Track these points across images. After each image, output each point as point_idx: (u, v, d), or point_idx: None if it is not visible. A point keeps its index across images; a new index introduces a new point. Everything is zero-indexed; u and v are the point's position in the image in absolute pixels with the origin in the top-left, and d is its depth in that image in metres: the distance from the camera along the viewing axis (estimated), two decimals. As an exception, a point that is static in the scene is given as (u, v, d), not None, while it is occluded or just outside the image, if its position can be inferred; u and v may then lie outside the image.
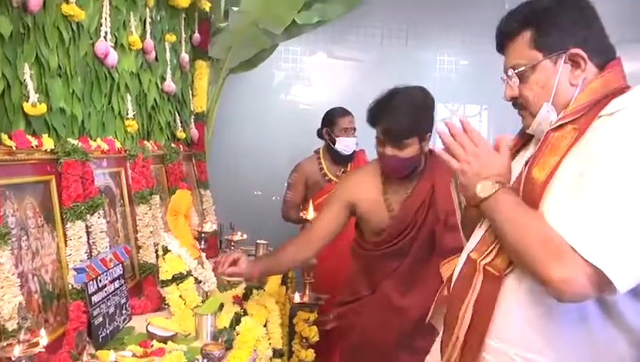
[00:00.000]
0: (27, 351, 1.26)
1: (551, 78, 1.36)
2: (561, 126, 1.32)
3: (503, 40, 1.44)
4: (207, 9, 3.61)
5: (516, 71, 1.40)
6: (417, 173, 2.34)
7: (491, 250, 1.36)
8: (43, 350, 1.31)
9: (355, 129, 3.66)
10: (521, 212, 1.27)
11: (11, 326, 1.41)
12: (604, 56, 1.37)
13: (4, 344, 1.29)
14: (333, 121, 3.61)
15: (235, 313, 2.12)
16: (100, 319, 1.86)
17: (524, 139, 1.54)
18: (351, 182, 2.50)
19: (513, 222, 1.27)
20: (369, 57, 4.92)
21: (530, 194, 1.30)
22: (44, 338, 1.31)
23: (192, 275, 2.19)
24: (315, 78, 4.90)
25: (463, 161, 1.35)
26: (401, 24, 4.78)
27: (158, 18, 2.91)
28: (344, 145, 3.59)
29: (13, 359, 1.24)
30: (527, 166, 1.35)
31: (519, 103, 1.44)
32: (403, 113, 2.19)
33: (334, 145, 3.60)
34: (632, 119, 1.22)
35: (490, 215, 1.32)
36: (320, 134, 3.74)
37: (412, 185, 2.32)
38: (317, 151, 3.82)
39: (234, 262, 2.25)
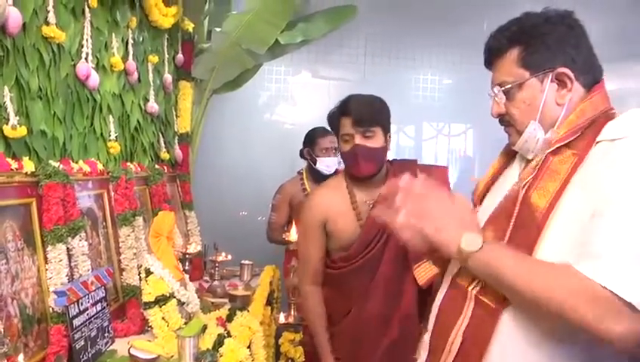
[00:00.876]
0: (5, 376, 1.24)
1: (537, 96, 1.35)
2: (559, 149, 1.30)
3: (491, 57, 1.43)
4: (191, 29, 3.63)
5: (503, 88, 1.39)
6: (381, 179, 2.34)
7: (480, 280, 1.33)
8: (21, 375, 1.29)
9: (336, 149, 3.66)
10: (527, 262, 1.23)
11: (-11, 351, 1.39)
12: (592, 76, 1.36)
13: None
14: (314, 140, 3.62)
15: (218, 334, 2.10)
16: (82, 343, 1.83)
17: (509, 157, 1.53)
18: (317, 200, 2.41)
19: (522, 274, 1.21)
20: (353, 76, 4.95)
21: (529, 220, 1.27)
22: (21, 360, 1.29)
23: (174, 297, 2.18)
24: (300, 98, 4.93)
25: (429, 218, 1.30)
26: (385, 43, 4.82)
27: (141, 39, 2.91)
28: (325, 164, 3.59)
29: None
30: (525, 189, 1.32)
31: (506, 120, 1.43)
32: (367, 100, 2.30)
33: (315, 165, 3.60)
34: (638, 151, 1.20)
35: (484, 269, 1.26)
36: (302, 154, 3.74)
37: (377, 191, 2.31)
38: (300, 172, 3.82)
39: None
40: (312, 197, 2.49)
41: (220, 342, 2.03)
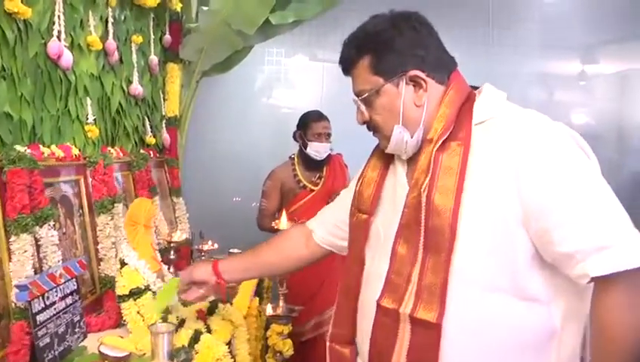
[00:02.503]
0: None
1: (395, 100, 1.37)
2: (444, 144, 1.31)
3: (347, 67, 1.45)
4: (179, 9, 3.50)
5: (361, 97, 1.42)
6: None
7: (408, 297, 1.29)
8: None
9: (329, 135, 3.57)
10: None
11: None
12: (445, 70, 1.40)
13: None
14: (307, 124, 3.52)
15: (195, 330, 1.99)
16: (47, 340, 1.72)
17: (383, 160, 1.53)
18: None
19: None
20: None
21: (440, 224, 1.25)
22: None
23: (150, 290, 2.07)
24: (296, 81, 4.86)
25: None
26: None
27: (123, 18, 2.78)
28: (315, 149, 3.49)
29: None
30: (425, 194, 1.28)
31: (372, 126, 1.45)
32: None
33: (306, 149, 3.50)
34: (521, 126, 1.30)
35: None
36: (295, 137, 3.64)
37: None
38: (292, 157, 3.72)
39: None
40: None
41: (195, 338, 1.93)
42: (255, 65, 4.60)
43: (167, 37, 3.47)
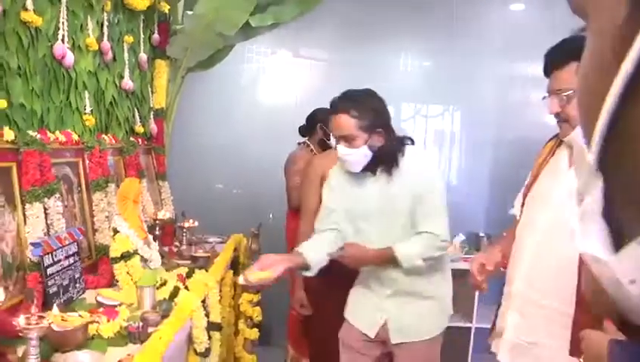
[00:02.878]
0: (-14, 303, 1.53)
1: None
2: None
3: (552, 68, 1.82)
4: (167, 11, 3.87)
5: (565, 94, 1.76)
6: None
7: None
8: (0, 304, 1.58)
9: None
10: None
11: (-26, 286, 1.68)
12: None
13: (-32, 298, 1.56)
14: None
15: (174, 286, 2.39)
16: (55, 289, 2.13)
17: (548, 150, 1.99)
18: None
19: None
20: (332, 57, 5.12)
21: None
22: (0, 295, 1.58)
23: (138, 254, 2.47)
24: (280, 77, 5.06)
25: None
26: (362, 26, 4.96)
27: (116, 20, 3.17)
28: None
29: (-26, 309, 1.51)
30: None
31: (562, 117, 1.83)
32: None
33: (329, 140, 3.72)
34: None
35: None
36: (308, 129, 3.93)
37: None
38: (303, 143, 3.99)
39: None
40: None
41: (175, 292, 2.32)
42: (237, 63, 4.83)
43: (156, 36, 3.86)
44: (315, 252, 2.39)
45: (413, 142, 2.51)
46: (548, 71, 1.86)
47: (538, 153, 2.09)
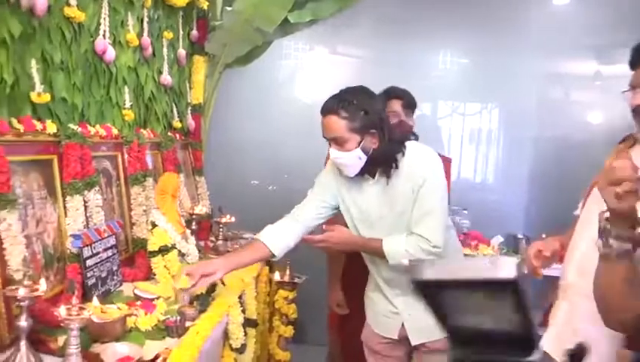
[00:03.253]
0: (29, 293, 1.55)
1: None
2: None
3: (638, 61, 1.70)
4: (205, 7, 3.90)
5: None
6: None
7: None
8: (43, 294, 1.60)
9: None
10: None
11: (18, 276, 1.70)
12: None
13: (12, 288, 1.59)
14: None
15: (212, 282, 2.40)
16: (93, 280, 2.15)
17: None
18: None
19: None
20: (369, 54, 5.08)
21: None
22: (43, 285, 1.60)
23: (176, 248, 2.48)
24: (316, 74, 5.03)
25: None
26: (400, 23, 4.90)
27: (156, 17, 3.19)
28: None
29: (18, 298, 1.54)
30: None
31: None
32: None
33: None
34: None
35: None
36: None
37: None
38: None
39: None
40: None
41: (212, 287, 2.33)
42: (275, 59, 4.82)
43: (194, 32, 3.89)
44: (278, 239, 2.34)
45: (416, 138, 2.44)
46: (635, 64, 1.78)
47: (609, 154, 2.00)
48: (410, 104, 3.11)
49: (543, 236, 2.26)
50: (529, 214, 4.78)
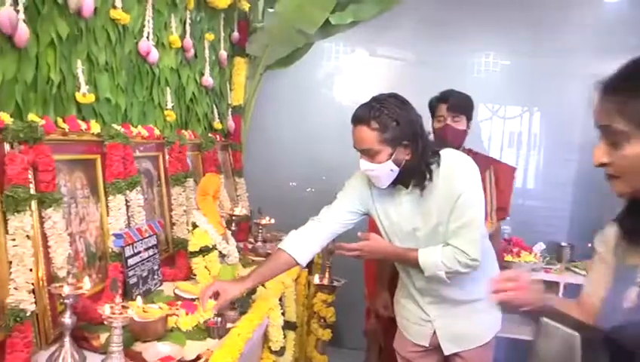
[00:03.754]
0: (73, 291, 1.57)
1: None
2: None
3: None
4: (247, 9, 3.91)
5: None
6: None
7: None
8: (86, 292, 1.62)
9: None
10: None
11: (62, 273, 1.72)
12: None
13: (57, 285, 1.61)
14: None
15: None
16: (135, 279, 2.17)
17: None
18: None
19: None
20: (409, 57, 5.02)
21: None
22: (87, 283, 1.62)
23: (216, 249, 2.48)
24: (356, 76, 4.99)
25: None
26: (440, 24, 4.86)
27: (198, 19, 3.21)
28: None
29: (63, 296, 1.56)
30: None
31: None
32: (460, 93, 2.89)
33: None
34: None
35: None
36: None
37: None
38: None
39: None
40: None
41: (253, 290, 2.32)
42: (315, 60, 4.80)
43: (236, 34, 3.90)
44: (303, 247, 2.25)
45: (458, 145, 2.36)
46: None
47: None
48: (456, 106, 2.88)
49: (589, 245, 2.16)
50: (573, 221, 4.66)
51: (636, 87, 1.12)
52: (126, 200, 2.27)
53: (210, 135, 3.53)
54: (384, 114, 2.03)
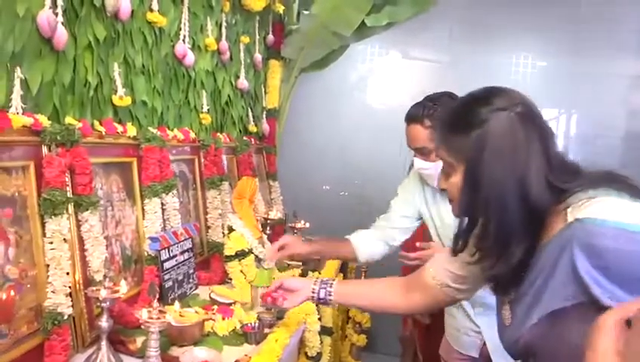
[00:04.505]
0: (110, 294, 1.56)
1: None
2: None
3: None
4: (281, 12, 3.90)
5: None
6: None
7: None
8: (123, 296, 1.61)
9: None
10: None
11: (99, 277, 1.71)
12: None
13: (94, 288, 1.60)
14: None
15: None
16: (170, 283, 2.16)
17: None
18: None
19: None
20: (443, 58, 4.93)
21: None
22: (123, 287, 1.61)
23: (252, 253, 2.46)
24: (389, 78, 4.95)
25: None
26: (474, 25, 4.79)
27: (234, 21, 3.21)
28: None
29: (100, 299, 1.54)
30: None
31: None
32: None
33: None
34: None
35: None
36: None
37: None
38: None
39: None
40: None
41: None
42: (350, 63, 4.76)
43: (271, 37, 3.89)
44: (367, 248, 2.34)
45: None
46: None
47: None
48: None
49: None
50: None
51: (458, 127, 1.24)
52: (162, 203, 2.26)
53: (245, 138, 3.52)
54: (438, 112, 2.01)
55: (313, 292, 1.74)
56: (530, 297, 1.17)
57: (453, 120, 1.28)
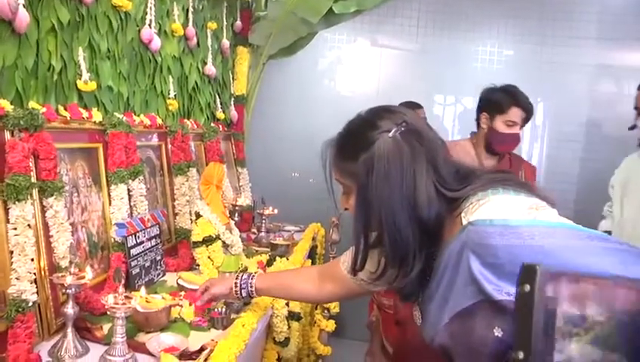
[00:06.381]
0: (76, 281, 1.55)
1: None
2: None
3: None
4: (249, -2, 3.88)
5: None
6: None
7: None
8: (89, 282, 1.60)
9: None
10: None
11: (64, 263, 1.70)
12: None
13: (59, 275, 1.58)
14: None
15: (255, 272, 2.36)
16: (137, 270, 2.15)
17: None
18: None
19: None
20: (411, 46, 4.97)
21: None
22: (89, 273, 1.60)
23: (220, 239, 2.46)
24: (357, 66, 4.97)
25: None
26: (442, 14, 4.81)
27: (201, 7, 3.18)
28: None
29: (65, 286, 1.54)
30: None
31: None
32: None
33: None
34: None
35: None
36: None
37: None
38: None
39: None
40: None
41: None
42: (318, 50, 4.76)
43: (238, 23, 3.87)
44: None
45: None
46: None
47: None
48: (529, 118, 2.99)
49: None
50: (577, 215, 4.59)
51: (348, 153, 1.32)
52: (128, 189, 2.24)
53: (212, 125, 3.50)
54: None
55: (237, 294, 1.85)
56: (440, 298, 1.22)
57: (343, 145, 1.36)
